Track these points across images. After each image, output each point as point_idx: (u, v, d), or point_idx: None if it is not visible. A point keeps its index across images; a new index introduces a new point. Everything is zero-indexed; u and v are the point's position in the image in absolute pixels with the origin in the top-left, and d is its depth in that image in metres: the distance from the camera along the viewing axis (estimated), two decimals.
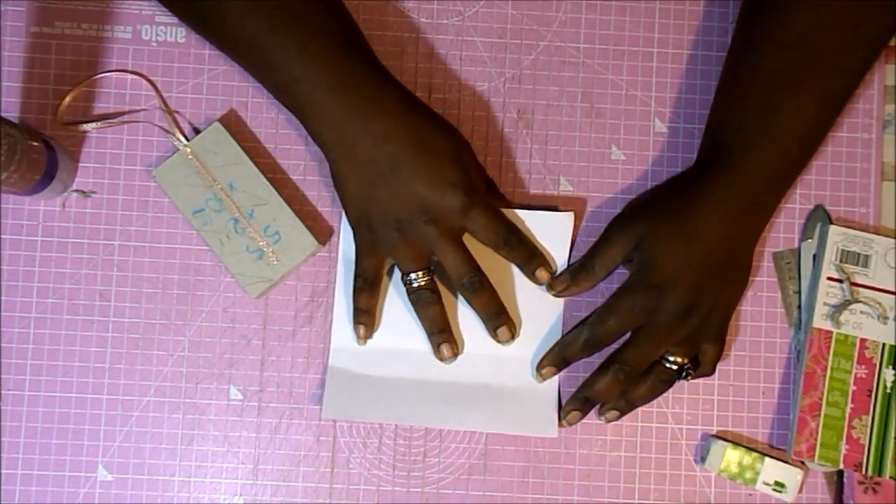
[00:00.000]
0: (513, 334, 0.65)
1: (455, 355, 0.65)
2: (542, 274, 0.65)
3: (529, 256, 0.64)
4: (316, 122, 0.60)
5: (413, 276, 0.63)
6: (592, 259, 0.64)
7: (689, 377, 0.64)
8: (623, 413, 0.64)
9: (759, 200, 0.62)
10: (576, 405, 0.64)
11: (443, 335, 0.64)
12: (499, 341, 0.65)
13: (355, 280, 0.64)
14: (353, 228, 0.63)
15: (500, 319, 0.64)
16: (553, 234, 0.66)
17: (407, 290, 0.63)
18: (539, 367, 0.65)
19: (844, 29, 0.61)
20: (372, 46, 0.67)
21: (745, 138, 0.61)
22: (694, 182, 0.63)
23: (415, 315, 0.64)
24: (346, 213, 0.63)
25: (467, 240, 0.64)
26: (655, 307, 0.61)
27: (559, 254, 0.66)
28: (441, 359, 0.65)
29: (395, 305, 0.66)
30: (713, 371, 0.65)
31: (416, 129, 0.61)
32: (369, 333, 0.65)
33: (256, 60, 0.61)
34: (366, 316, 0.64)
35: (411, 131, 0.60)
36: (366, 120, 0.60)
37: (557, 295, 0.65)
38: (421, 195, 0.60)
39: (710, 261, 0.61)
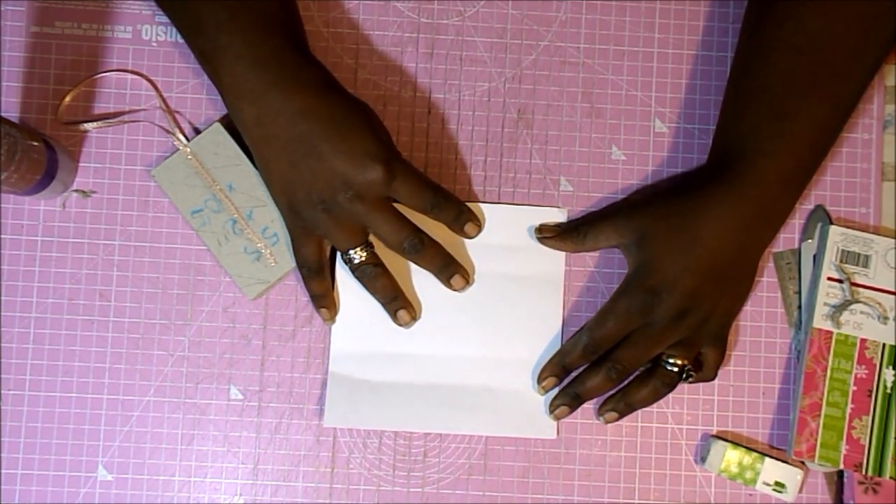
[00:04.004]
0: (467, 279, 0.65)
1: (413, 318, 0.65)
2: (470, 228, 0.65)
3: (458, 213, 0.64)
4: (235, 95, 0.60)
5: (352, 253, 0.63)
6: (586, 227, 0.64)
7: (691, 380, 0.64)
8: (622, 415, 0.64)
9: (771, 208, 0.62)
10: (565, 400, 0.64)
11: (397, 302, 0.64)
12: (454, 290, 0.65)
13: (300, 270, 0.64)
14: (283, 216, 0.63)
15: (450, 269, 0.64)
16: None
17: (350, 268, 0.63)
18: (540, 378, 0.65)
19: (856, 32, 0.60)
20: (372, 46, 0.67)
21: (759, 145, 0.61)
22: (704, 187, 0.62)
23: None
24: (275, 201, 0.63)
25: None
26: (651, 309, 0.61)
27: (554, 251, 0.66)
28: (401, 324, 0.65)
29: None
30: (715, 376, 0.65)
31: (332, 105, 0.60)
32: (333, 314, 0.65)
33: (186, 22, 0.61)
34: (324, 300, 0.64)
35: (327, 108, 0.60)
36: (284, 97, 0.59)
37: (541, 239, 0.66)
38: (341, 172, 0.60)
39: (711, 267, 0.61)
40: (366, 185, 0.60)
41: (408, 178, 0.62)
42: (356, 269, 0.63)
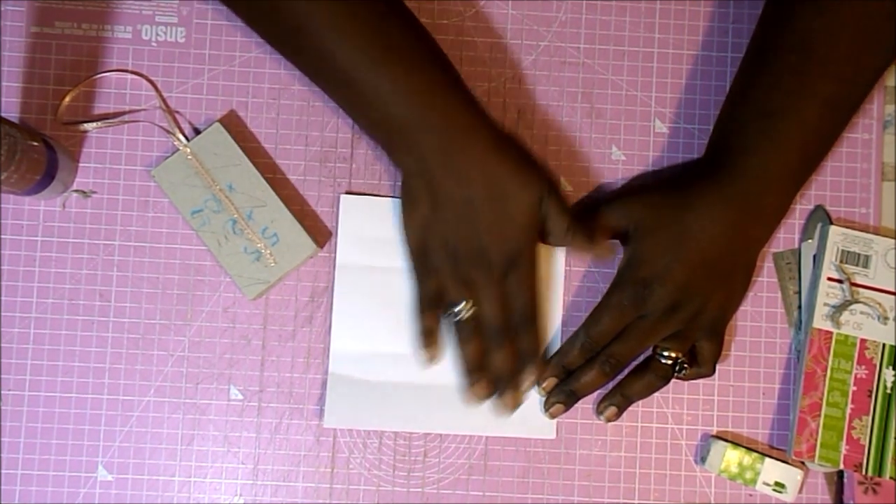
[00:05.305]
0: (514, 405, 0.65)
1: (488, 396, 0.64)
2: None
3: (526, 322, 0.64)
4: (403, 154, 0.61)
5: (459, 307, 0.62)
6: (588, 224, 0.64)
7: (685, 373, 0.64)
8: (620, 409, 0.64)
9: (758, 204, 0.62)
10: (560, 398, 0.64)
11: (477, 374, 0.64)
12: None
13: (418, 302, 0.64)
14: (410, 253, 0.63)
15: (504, 385, 0.64)
16: None
17: (448, 319, 0.63)
18: (540, 380, 0.65)
19: (854, 36, 0.60)
20: None
21: (744, 141, 0.61)
22: (694, 180, 0.63)
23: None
24: (406, 235, 0.63)
25: None
26: (643, 301, 0.61)
27: (553, 250, 0.66)
28: (471, 399, 0.64)
29: (394, 309, 0.66)
30: (712, 371, 0.65)
31: (496, 179, 0.60)
32: (437, 354, 0.65)
33: (351, 97, 0.61)
34: (431, 337, 0.64)
35: (490, 181, 0.60)
36: (450, 163, 0.60)
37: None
38: (483, 245, 0.60)
39: (701, 260, 0.61)
40: (496, 265, 0.61)
41: (522, 280, 0.62)
42: (455, 323, 0.63)
